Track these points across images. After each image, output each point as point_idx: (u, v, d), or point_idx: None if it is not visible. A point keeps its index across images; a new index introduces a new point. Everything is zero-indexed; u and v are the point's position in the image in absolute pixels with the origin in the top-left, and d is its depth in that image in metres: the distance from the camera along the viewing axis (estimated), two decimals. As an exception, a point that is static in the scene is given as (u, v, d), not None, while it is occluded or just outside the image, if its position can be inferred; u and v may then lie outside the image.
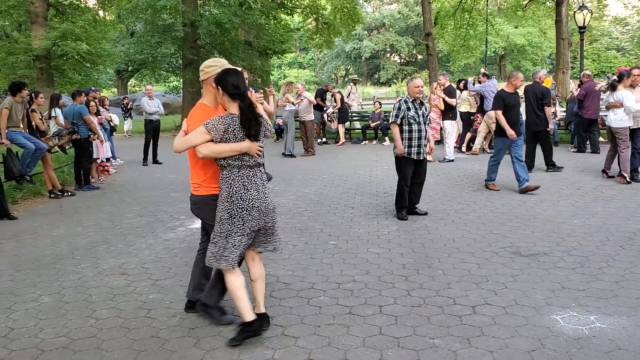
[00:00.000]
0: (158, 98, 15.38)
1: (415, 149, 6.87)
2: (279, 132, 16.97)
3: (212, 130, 3.46)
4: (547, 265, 5.03)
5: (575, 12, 17.92)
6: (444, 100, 11.79)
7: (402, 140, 6.88)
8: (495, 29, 30.21)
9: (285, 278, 4.91)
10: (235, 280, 3.63)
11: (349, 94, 18.59)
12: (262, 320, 3.76)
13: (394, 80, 57.76)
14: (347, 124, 17.31)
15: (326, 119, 16.80)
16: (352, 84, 19.60)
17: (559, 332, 3.65)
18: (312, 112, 14.25)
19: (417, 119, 6.85)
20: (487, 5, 27.12)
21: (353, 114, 18.16)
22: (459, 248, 5.66)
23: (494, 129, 12.77)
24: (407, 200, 7.02)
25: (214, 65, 3.81)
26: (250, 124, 3.52)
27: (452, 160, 11.94)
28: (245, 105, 3.53)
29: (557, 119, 14.67)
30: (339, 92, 16.72)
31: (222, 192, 3.57)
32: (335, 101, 16.42)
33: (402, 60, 65.75)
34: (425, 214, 7.07)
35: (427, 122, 7.07)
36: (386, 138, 16.21)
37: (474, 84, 13.37)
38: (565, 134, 15.07)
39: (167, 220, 7.27)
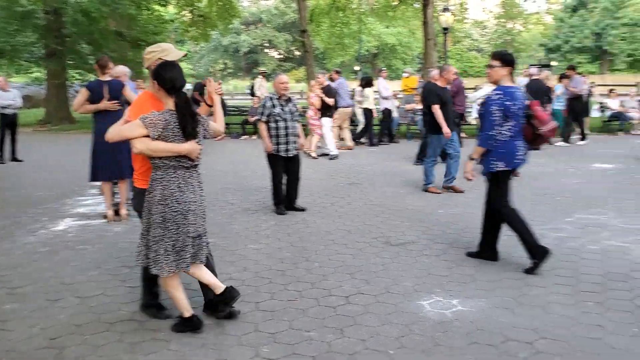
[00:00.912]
0: (19, 89, 14.21)
1: (283, 146, 6.90)
2: None
3: (150, 126, 3.26)
4: (415, 253, 5.31)
5: (439, 14, 19.03)
6: (322, 99, 11.76)
7: (270, 137, 6.92)
8: (368, 28, 31.35)
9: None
10: (170, 280, 3.51)
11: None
12: (231, 291, 3.69)
13: (273, 76, 58.02)
14: (227, 118, 17.12)
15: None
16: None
17: (425, 317, 3.87)
18: None
19: (283, 116, 6.86)
20: (360, 4, 27.99)
21: (230, 108, 18.00)
22: (335, 240, 5.81)
23: (346, 125, 13.24)
24: (282, 196, 7.09)
25: (153, 50, 3.57)
26: (185, 121, 3.33)
27: (337, 156, 11.83)
28: (181, 102, 3.34)
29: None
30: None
31: (155, 193, 3.36)
32: None
33: (281, 56, 66.16)
34: (304, 210, 7.16)
35: (296, 119, 7.05)
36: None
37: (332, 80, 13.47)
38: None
39: (28, 222, 6.77)
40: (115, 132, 3.38)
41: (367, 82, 14.07)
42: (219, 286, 3.66)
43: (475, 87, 17.17)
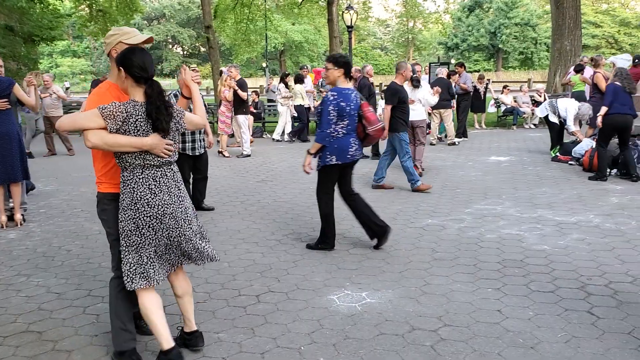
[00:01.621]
0: None
1: (190, 144, 6.75)
2: None
3: (108, 118, 2.83)
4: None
5: (343, 12, 19.33)
6: (235, 93, 11.39)
7: None
8: (274, 25, 31.31)
9: (57, 287, 4.53)
10: (149, 302, 3.06)
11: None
12: (197, 338, 3.34)
13: (178, 73, 56.74)
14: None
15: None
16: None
17: (335, 311, 3.92)
18: (60, 107, 12.71)
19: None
20: (265, 1, 27.91)
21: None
22: (244, 239, 5.76)
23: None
24: (190, 195, 6.94)
25: (115, 33, 3.14)
26: (159, 114, 2.89)
27: (249, 155, 11.71)
28: (154, 92, 2.91)
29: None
30: None
31: (125, 198, 2.95)
32: None
33: (185, 52, 64.77)
34: (212, 209, 7.05)
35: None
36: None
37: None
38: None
39: None
40: (69, 121, 2.91)
41: (297, 79, 14.30)
42: (167, 339, 3.10)
43: (380, 84, 17.54)
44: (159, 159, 2.96)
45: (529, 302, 3.98)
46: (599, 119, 8.15)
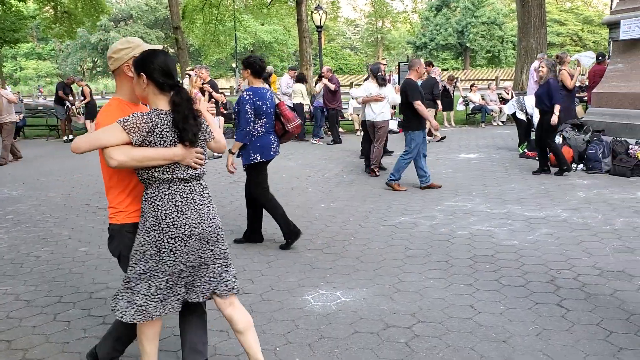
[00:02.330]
0: None
1: None
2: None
3: (132, 131, 2.47)
4: (299, 248, 5.38)
5: (312, 12, 19.36)
6: (210, 94, 11.24)
7: None
8: (243, 26, 31.18)
9: (26, 295, 4.44)
10: (148, 329, 2.74)
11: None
12: None
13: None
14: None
15: (72, 114, 15.60)
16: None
17: (310, 311, 3.93)
18: (13, 112, 11.73)
19: None
20: (233, 1, 27.77)
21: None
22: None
23: None
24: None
25: (126, 47, 2.77)
26: (186, 124, 2.56)
27: (220, 157, 11.50)
28: (182, 100, 2.57)
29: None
30: (87, 85, 15.75)
31: (148, 218, 2.58)
32: (83, 95, 15.42)
33: (153, 54, 64.09)
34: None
35: None
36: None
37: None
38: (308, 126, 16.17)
39: None
40: (86, 140, 2.51)
41: (299, 78, 14.22)
42: None
43: (350, 83, 17.62)
44: (188, 171, 2.63)
45: (500, 297, 4.05)
46: (554, 117, 8.20)
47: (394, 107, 11.61)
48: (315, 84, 14.27)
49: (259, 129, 5.17)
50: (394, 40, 62.19)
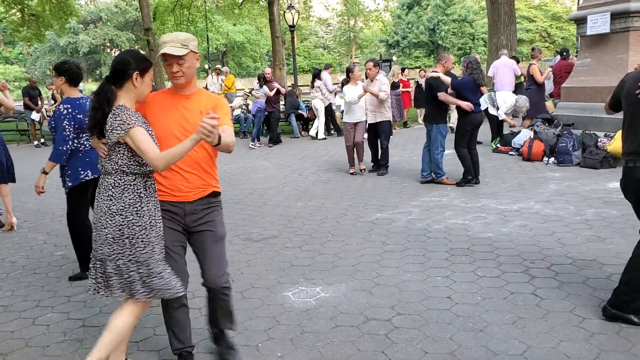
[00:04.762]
0: None
1: None
2: None
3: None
4: (278, 247, 5.41)
5: (285, 12, 19.37)
6: None
7: None
8: (215, 26, 31.06)
9: (3, 300, 4.40)
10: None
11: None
12: None
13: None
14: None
15: (42, 118, 15.39)
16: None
17: (290, 307, 3.97)
18: None
19: None
20: (205, 2, 27.63)
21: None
22: (195, 242, 5.72)
23: None
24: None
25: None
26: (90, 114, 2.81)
27: None
28: (96, 92, 2.79)
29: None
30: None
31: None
32: (54, 99, 15.27)
33: (124, 56, 63.34)
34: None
35: None
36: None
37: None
38: (285, 125, 16.17)
39: None
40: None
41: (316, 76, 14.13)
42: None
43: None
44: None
45: (476, 288, 4.13)
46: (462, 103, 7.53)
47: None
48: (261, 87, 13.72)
49: (85, 143, 4.58)
50: (367, 38, 62.46)
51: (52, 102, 15.72)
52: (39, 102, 15.56)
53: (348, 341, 3.41)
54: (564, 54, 12.59)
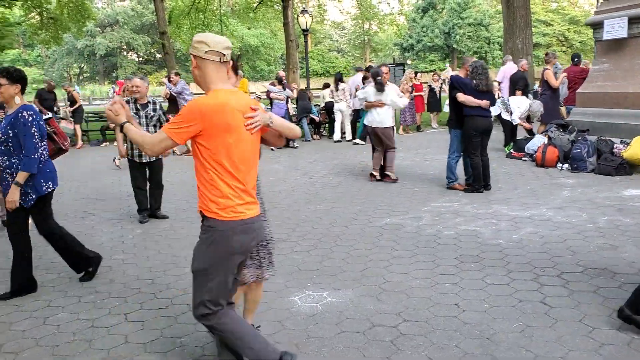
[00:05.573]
0: None
1: (137, 151, 6.64)
2: None
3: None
4: (286, 250, 5.40)
5: (299, 15, 19.42)
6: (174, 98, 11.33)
7: (125, 142, 6.73)
8: (230, 30, 31.13)
9: (14, 299, 4.43)
10: None
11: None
12: None
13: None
14: (85, 124, 16.34)
15: (66, 119, 15.59)
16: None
17: (297, 311, 3.96)
18: None
19: (138, 120, 6.60)
20: (220, 6, 27.77)
21: (89, 114, 17.12)
22: (205, 245, 5.73)
23: None
24: (145, 202, 6.88)
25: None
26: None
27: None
28: None
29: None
30: (76, 90, 15.82)
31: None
32: (70, 100, 15.47)
33: (140, 59, 63.86)
34: (166, 217, 6.95)
35: (154, 124, 6.72)
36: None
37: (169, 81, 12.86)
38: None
39: None
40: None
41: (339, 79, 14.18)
42: None
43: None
44: None
45: (485, 295, 4.09)
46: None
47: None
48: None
49: (44, 153, 4.43)
50: (381, 42, 62.34)
51: (68, 103, 15.83)
52: (55, 107, 15.65)
53: (353, 347, 3.39)
54: (575, 59, 12.48)
